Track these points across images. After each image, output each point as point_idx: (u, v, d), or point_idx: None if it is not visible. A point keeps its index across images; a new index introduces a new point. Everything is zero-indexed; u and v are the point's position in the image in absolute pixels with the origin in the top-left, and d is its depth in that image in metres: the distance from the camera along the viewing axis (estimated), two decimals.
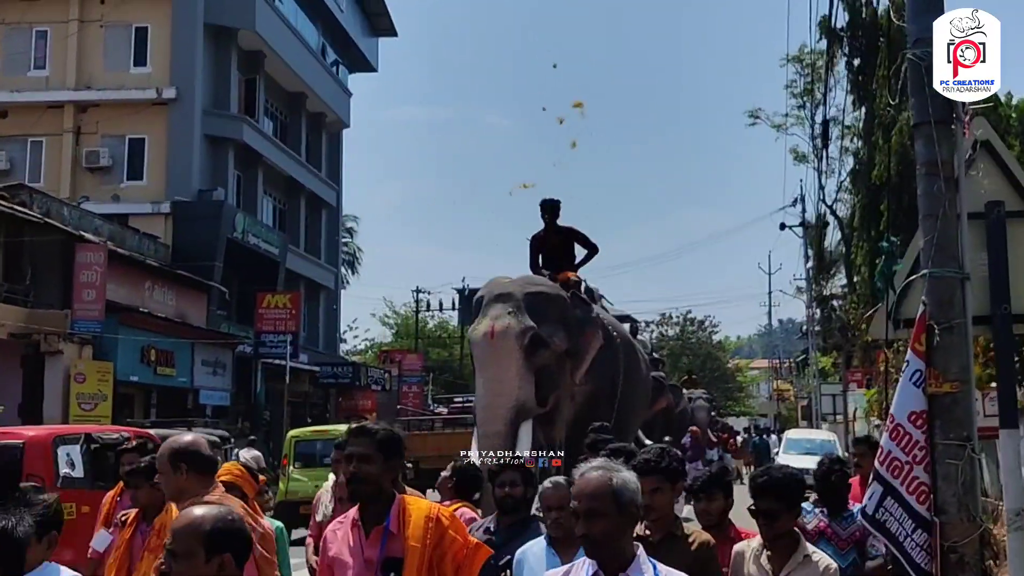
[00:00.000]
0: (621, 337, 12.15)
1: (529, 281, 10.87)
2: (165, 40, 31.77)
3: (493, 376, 10.03)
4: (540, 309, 10.37)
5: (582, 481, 3.41)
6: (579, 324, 10.76)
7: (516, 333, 10.03)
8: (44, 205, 24.95)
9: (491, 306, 10.39)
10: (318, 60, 39.93)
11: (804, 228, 39.87)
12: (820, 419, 36.85)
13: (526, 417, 9.87)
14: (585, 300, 11.25)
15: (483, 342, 10.24)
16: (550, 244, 11.86)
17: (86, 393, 23.67)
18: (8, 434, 12.17)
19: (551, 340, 10.29)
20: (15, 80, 31.88)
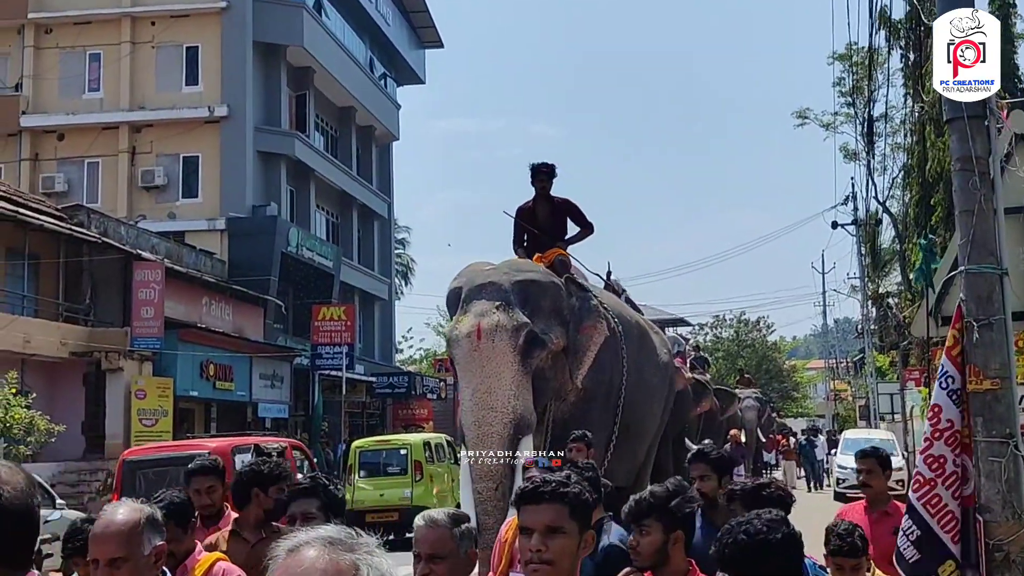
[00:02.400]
0: (627, 325, 10.20)
1: (516, 267, 9.04)
2: (215, 59, 32.25)
3: (483, 387, 8.18)
4: (533, 300, 8.64)
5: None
6: (577, 315, 9.02)
7: (509, 332, 8.28)
8: (102, 225, 25.44)
9: (474, 300, 8.59)
10: (366, 74, 40.27)
11: (857, 226, 39.48)
12: (878, 419, 36.43)
13: (525, 433, 8.17)
14: (582, 285, 9.54)
15: (468, 344, 8.34)
16: (539, 217, 9.99)
17: (147, 409, 24.05)
18: (195, 445, 14.31)
19: (547, 337, 8.57)
20: (71, 103, 32.52)
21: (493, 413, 8.07)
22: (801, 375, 66.97)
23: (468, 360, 8.32)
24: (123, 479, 12.39)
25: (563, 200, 10.08)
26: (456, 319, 8.70)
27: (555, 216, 9.97)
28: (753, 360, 58.99)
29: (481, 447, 8.00)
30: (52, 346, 22.86)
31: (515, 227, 10.09)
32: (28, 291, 23.94)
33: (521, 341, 8.29)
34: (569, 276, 9.35)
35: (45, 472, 19.85)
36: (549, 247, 9.71)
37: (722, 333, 62.79)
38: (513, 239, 10.09)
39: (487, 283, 8.64)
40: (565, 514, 2.90)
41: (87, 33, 32.42)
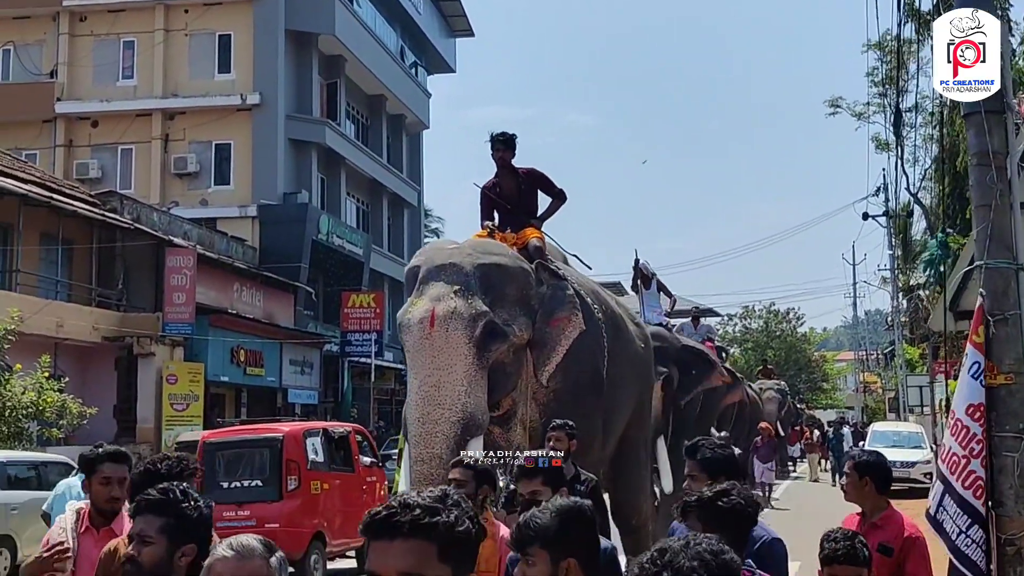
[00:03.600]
0: (606, 314, 9.19)
1: (482, 248, 8.14)
2: (248, 47, 32.46)
3: (432, 379, 7.38)
4: (496, 287, 7.79)
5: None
6: (548, 306, 8.08)
7: (465, 321, 7.46)
8: (134, 211, 25.70)
9: (431, 282, 7.75)
10: (397, 62, 40.39)
11: (888, 218, 39.28)
12: (907, 411, 36.31)
13: (475, 434, 7.32)
14: (556, 272, 8.42)
15: (420, 332, 7.52)
16: (505, 191, 9.01)
17: (178, 394, 24.32)
18: (270, 429, 15.08)
19: (510, 329, 7.72)
20: (105, 90, 32.83)
21: (440, 410, 7.27)
22: (830, 366, 66.68)
23: (418, 349, 7.52)
24: (204, 460, 12.95)
25: (528, 170, 9.12)
26: (410, 301, 7.81)
27: (523, 189, 9.07)
28: (781, 351, 58.82)
29: (424, 446, 7.21)
30: (85, 331, 23.15)
31: (481, 203, 9.19)
32: (62, 276, 24.24)
33: (478, 332, 7.46)
34: (541, 262, 8.34)
35: (77, 455, 20.12)
36: (520, 224, 8.88)
37: (751, 324, 62.65)
38: (481, 217, 9.19)
39: (447, 264, 7.78)
40: (432, 554, 2.05)
41: (121, 21, 32.70)
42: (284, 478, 13.34)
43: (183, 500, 3.35)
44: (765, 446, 23.69)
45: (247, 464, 13.89)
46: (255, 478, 13.57)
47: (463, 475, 5.08)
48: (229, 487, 13.34)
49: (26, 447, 17.45)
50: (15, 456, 15.60)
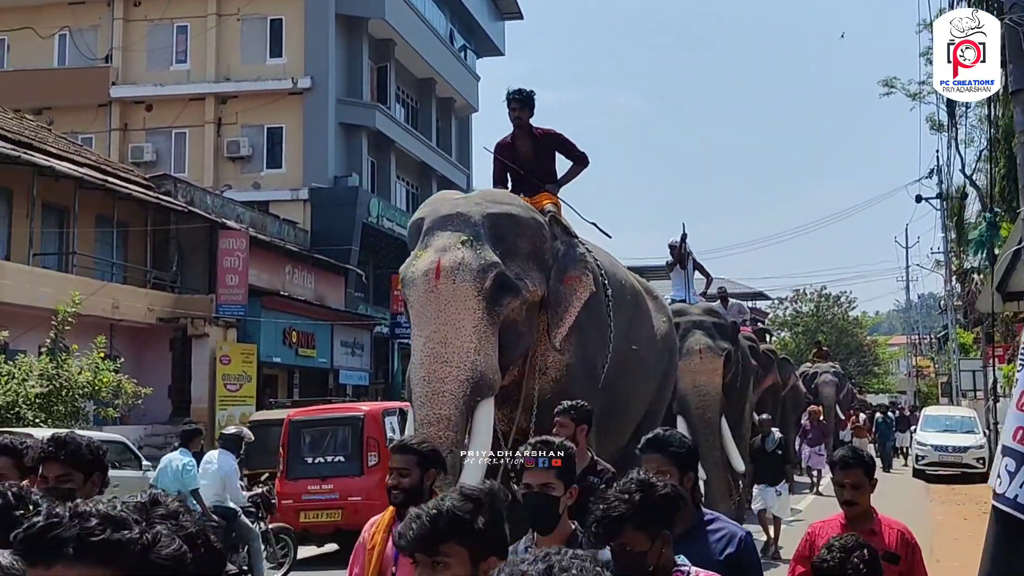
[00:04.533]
0: (617, 287, 8.52)
1: (491, 198, 7.62)
2: (299, 31, 32.69)
3: (438, 335, 6.83)
4: (508, 238, 7.27)
5: None
6: (561, 262, 7.57)
7: (473, 272, 6.92)
8: (188, 194, 26.03)
9: (437, 233, 7.21)
10: (446, 46, 40.46)
11: (941, 200, 38.80)
12: (960, 396, 35.95)
13: (485, 395, 6.82)
14: (568, 228, 8.02)
15: (424, 285, 6.98)
16: (521, 154, 8.38)
17: (231, 374, 24.64)
18: (351, 408, 16.07)
19: (523, 283, 7.18)
20: (159, 74, 33.22)
21: (447, 368, 6.71)
22: (882, 351, 66.08)
23: (423, 303, 6.97)
24: (289, 437, 13.95)
25: (546, 131, 8.49)
26: (414, 254, 7.27)
27: (539, 152, 8.44)
28: (832, 335, 58.39)
29: (430, 407, 6.62)
30: (140, 312, 23.51)
31: (494, 165, 8.61)
32: (117, 258, 24.61)
33: (488, 284, 6.91)
34: (554, 216, 7.92)
35: (132, 434, 20.49)
36: (536, 189, 8.26)
37: (802, 308, 62.23)
38: (493, 180, 8.67)
39: (453, 214, 7.24)
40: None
41: (174, 5, 33.01)
42: (365, 454, 13.87)
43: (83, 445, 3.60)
44: (815, 429, 23.22)
45: (330, 441, 14.44)
46: (338, 454, 14.15)
47: (405, 462, 4.26)
48: (313, 462, 14.04)
49: (82, 426, 17.78)
50: None
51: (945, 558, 13.21)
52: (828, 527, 4.66)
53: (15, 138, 21.44)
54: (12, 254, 21.30)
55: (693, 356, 12.85)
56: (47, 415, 17.03)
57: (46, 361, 17.60)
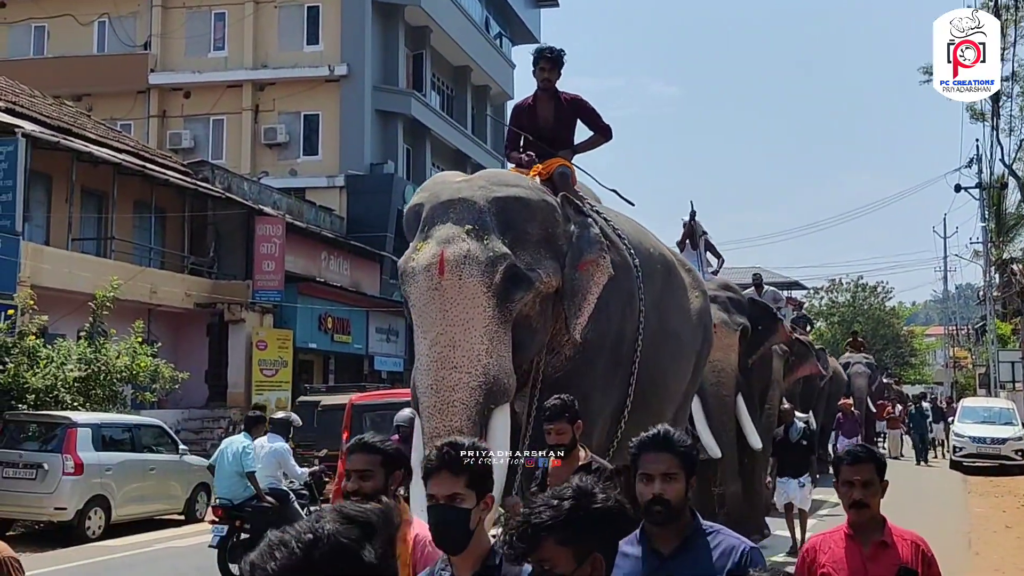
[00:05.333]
0: (647, 258, 7.87)
1: (496, 179, 6.89)
2: (336, 18, 32.75)
3: (445, 338, 6.15)
4: (517, 224, 6.55)
5: None
6: (576, 247, 6.82)
7: (482, 265, 6.23)
8: (226, 181, 26.18)
9: (438, 221, 6.51)
10: (482, 33, 40.44)
11: (981, 189, 38.41)
12: (998, 387, 35.65)
13: (500, 401, 6.17)
14: (579, 206, 7.18)
15: (427, 282, 6.31)
16: (541, 118, 7.70)
17: (268, 359, 24.80)
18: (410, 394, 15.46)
19: (535, 274, 6.47)
20: (197, 61, 33.40)
21: (456, 374, 6.05)
22: (919, 341, 65.60)
23: (427, 302, 6.28)
24: (352, 420, 13.97)
25: (572, 97, 7.79)
26: (413, 246, 6.62)
27: (561, 118, 7.74)
28: (869, 325, 58.01)
29: (439, 419, 5.98)
30: (177, 297, 23.69)
31: (509, 131, 7.96)
32: (155, 244, 24.80)
33: (498, 278, 6.23)
34: (565, 195, 7.08)
35: (170, 418, 20.68)
36: (549, 155, 7.55)
37: (838, 297, 61.87)
38: (505, 146, 8.01)
39: (456, 200, 6.53)
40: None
41: None
42: None
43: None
44: (849, 421, 23.08)
45: (391, 425, 14.54)
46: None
47: (367, 462, 3.78)
48: None
49: (120, 410, 17.96)
50: (110, 419, 16.08)
51: (984, 550, 13.14)
52: (830, 541, 4.08)
53: (55, 124, 21.63)
54: (51, 239, 21.51)
55: None
56: (85, 399, 17.19)
57: (84, 345, 17.76)
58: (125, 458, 15.17)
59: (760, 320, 13.05)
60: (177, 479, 16.18)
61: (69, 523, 14.19)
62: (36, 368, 16.75)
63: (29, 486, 14.17)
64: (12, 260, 18.40)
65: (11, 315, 17.51)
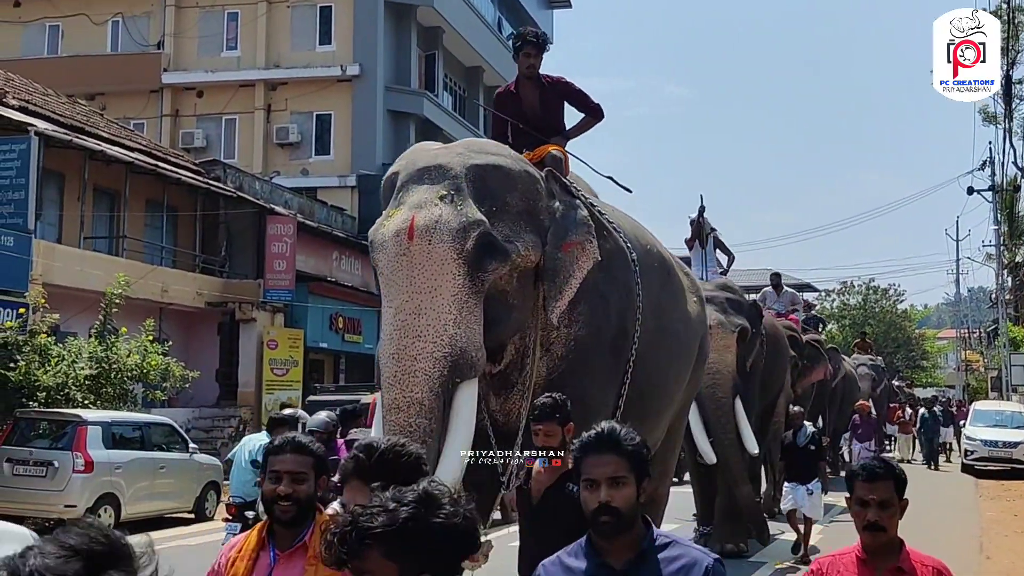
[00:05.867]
0: (645, 254, 7.47)
1: (476, 147, 6.52)
2: (348, 19, 32.80)
3: (410, 305, 5.77)
4: (495, 193, 6.16)
5: None
6: (559, 225, 6.41)
7: (453, 231, 5.84)
8: (237, 180, 26.23)
9: (412, 187, 6.15)
10: (494, 34, 40.44)
11: (994, 192, 38.29)
12: (1010, 390, 35.52)
13: (467, 375, 5.77)
14: (567, 186, 6.78)
15: (395, 247, 5.92)
16: (526, 104, 7.41)
17: (278, 359, 24.85)
18: None
19: (512, 246, 6.07)
20: (210, 61, 33.48)
21: (420, 342, 5.67)
22: (931, 344, 65.41)
23: (393, 268, 5.89)
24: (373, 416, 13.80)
25: (557, 80, 7.52)
26: (385, 214, 6.24)
27: (547, 102, 7.44)
28: (880, 328, 57.86)
29: (399, 388, 5.60)
30: (189, 296, 23.74)
31: (494, 119, 7.71)
32: (167, 242, 24.86)
33: (470, 245, 5.83)
34: (551, 171, 6.70)
35: (180, 417, 20.72)
36: (540, 143, 7.24)
37: (850, 300, 61.73)
38: (491, 135, 7.66)
39: (432, 166, 6.17)
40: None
41: None
42: None
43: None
44: (864, 424, 22.72)
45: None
46: None
47: (300, 464, 3.38)
48: None
49: (131, 408, 18.01)
50: (120, 417, 16.13)
51: (996, 554, 13.10)
52: (839, 564, 3.62)
53: (67, 122, 21.70)
54: (64, 237, 21.57)
55: None
56: (96, 397, 17.24)
57: (95, 343, 17.81)
58: (135, 456, 15.21)
59: (756, 323, 12.90)
60: (187, 477, 16.21)
61: None
62: (47, 366, 16.81)
63: (39, 483, 14.22)
64: (24, 258, 18.45)
65: (22, 313, 17.58)
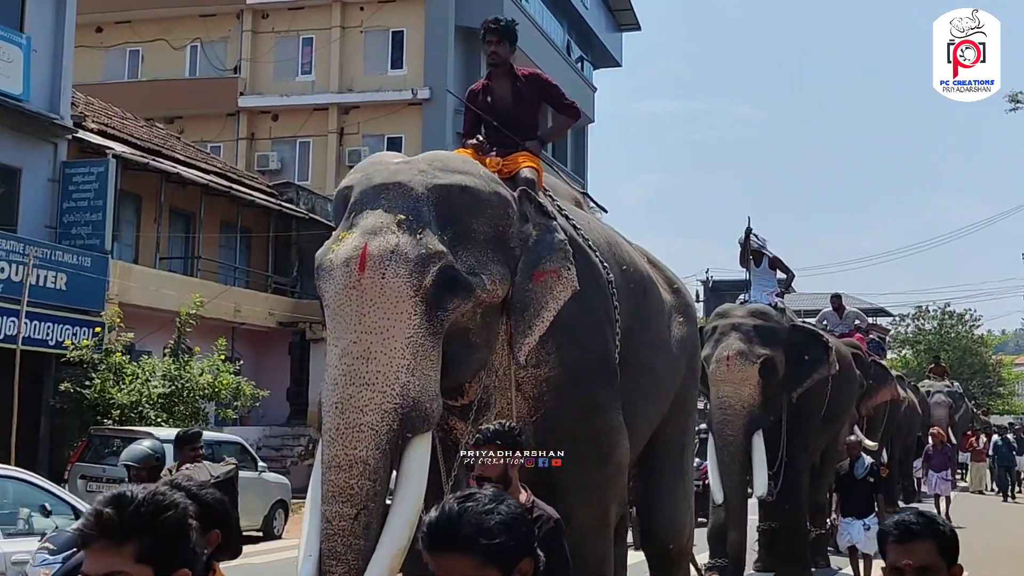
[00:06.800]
0: (621, 271, 6.70)
1: (440, 164, 5.66)
2: (419, 43, 33.18)
3: (359, 347, 5.01)
4: (460, 218, 5.43)
5: None
6: (533, 252, 5.67)
7: (410, 263, 5.10)
8: (309, 201, 26.65)
9: (366, 209, 5.36)
10: (563, 57, 40.59)
11: None
12: None
13: (419, 429, 5.04)
14: (542, 205, 5.97)
15: (344, 279, 5.13)
16: (498, 101, 6.72)
17: None
18: None
19: (477, 280, 5.34)
20: (285, 85, 34.04)
21: (368, 392, 4.94)
22: (1008, 371, 64.10)
23: (342, 303, 5.12)
24: None
25: (532, 74, 6.88)
26: (335, 236, 5.42)
27: (521, 98, 6.74)
28: (956, 354, 56.89)
29: (342, 444, 4.88)
30: (260, 316, 24.13)
31: (466, 116, 7.04)
32: (240, 263, 25.32)
33: (429, 280, 5.11)
34: (525, 190, 5.90)
35: (251, 436, 21.06)
36: (514, 146, 6.50)
37: (925, 325, 60.78)
38: (463, 132, 7.00)
39: (391, 184, 5.38)
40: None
41: (300, 18, 33.85)
42: None
43: None
44: (938, 453, 21.41)
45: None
46: None
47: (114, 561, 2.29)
48: None
49: (202, 427, 18.34)
50: None
51: None
52: None
53: (145, 145, 22.25)
54: (140, 257, 22.08)
55: (720, 364, 11.23)
56: (169, 415, 17.61)
57: (169, 362, 18.19)
58: None
59: (807, 349, 11.70)
60: (256, 496, 16.45)
61: None
62: (122, 384, 17.23)
63: None
64: (101, 278, 18.94)
65: (98, 332, 18.03)
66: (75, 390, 17.31)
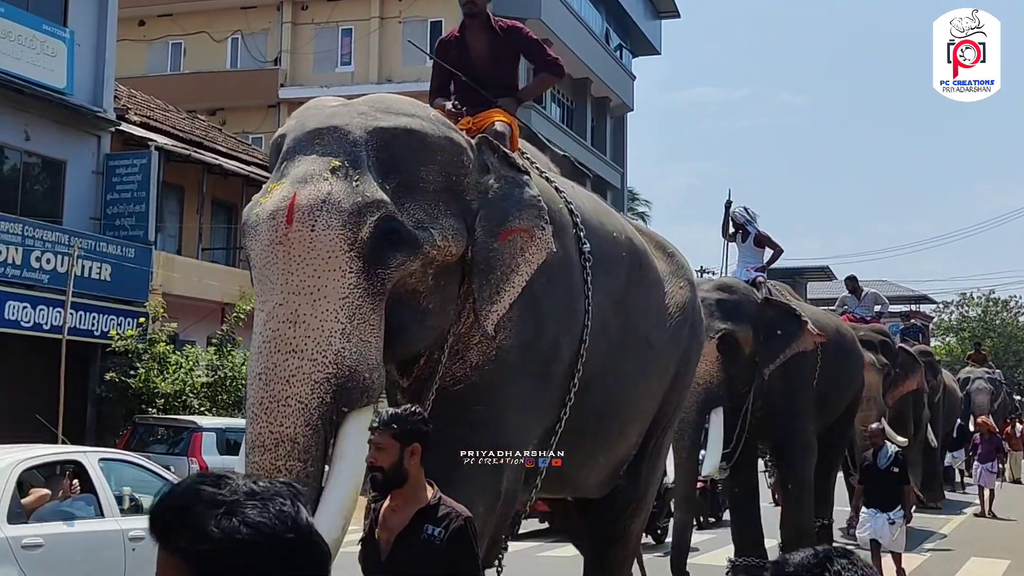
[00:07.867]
0: (609, 240, 6.11)
1: (383, 106, 5.00)
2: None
3: (285, 310, 4.44)
4: (403, 165, 4.79)
5: None
6: (496, 207, 5.01)
7: (344, 213, 4.48)
8: None
9: (299, 155, 4.74)
10: (602, 46, 40.60)
11: None
12: None
13: (357, 402, 4.46)
14: (509, 157, 5.23)
15: (270, 234, 4.54)
16: (473, 55, 6.08)
17: None
18: None
19: (426, 234, 4.69)
20: (325, 76, 34.28)
21: (296, 360, 4.37)
22: None
23: (267, 260, 4.54)
24: None
25: (510, 26, 6.21)
26: (264, 189, 4.81)
27: (498, 52, 6.11)
28: (1001, 342, 56.38)
29: (266, 420, 4.38)
30: None
31: (433, 70, 6.32)
32: None
33: (366, 233, 4.48)
34: (486, 138, 5.28)
35: None
36: (487, 103, 5.92)
37: (968, 312, 60.28)
38: (430, 92, 6.25)
39: (326, 128, 4.76)
40: None
41: (340, 9, 34.10)
42: None
43: None
44: (985, 443, 20.57)
45: None
46: None
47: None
48: None
49: (245, 416, 18.57)
50: (234, 424, 16.66)
51: None
52: None
53: (187, 137, 22.54)
54: (183, 248, 22.40)
55: None
56: (212, 404, 17.90)
57: (212, 352, 18.48)
58: None
59: (779, 324, 10.98)
60: None
61: None
62: (165, 373, 17.53)
63: None
64: (145, 269, 19.25)
65: (143, 322, 18.35)
66: (120, 379, 17.63)
